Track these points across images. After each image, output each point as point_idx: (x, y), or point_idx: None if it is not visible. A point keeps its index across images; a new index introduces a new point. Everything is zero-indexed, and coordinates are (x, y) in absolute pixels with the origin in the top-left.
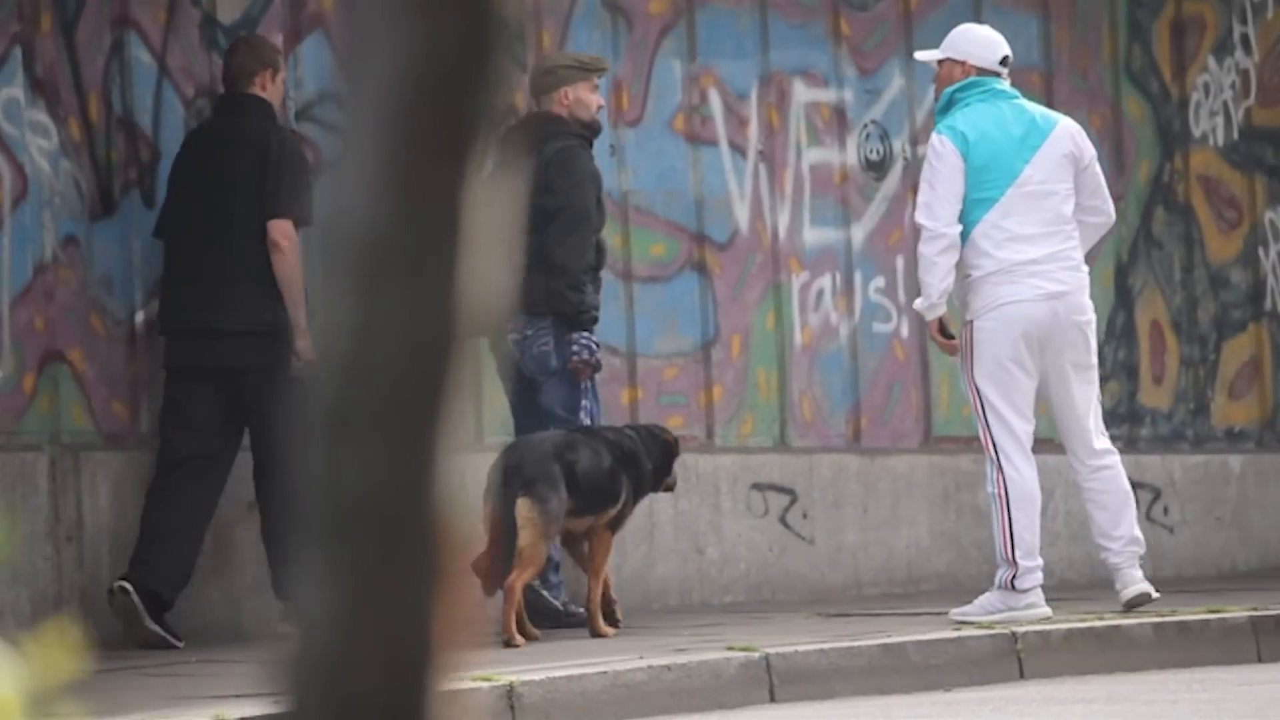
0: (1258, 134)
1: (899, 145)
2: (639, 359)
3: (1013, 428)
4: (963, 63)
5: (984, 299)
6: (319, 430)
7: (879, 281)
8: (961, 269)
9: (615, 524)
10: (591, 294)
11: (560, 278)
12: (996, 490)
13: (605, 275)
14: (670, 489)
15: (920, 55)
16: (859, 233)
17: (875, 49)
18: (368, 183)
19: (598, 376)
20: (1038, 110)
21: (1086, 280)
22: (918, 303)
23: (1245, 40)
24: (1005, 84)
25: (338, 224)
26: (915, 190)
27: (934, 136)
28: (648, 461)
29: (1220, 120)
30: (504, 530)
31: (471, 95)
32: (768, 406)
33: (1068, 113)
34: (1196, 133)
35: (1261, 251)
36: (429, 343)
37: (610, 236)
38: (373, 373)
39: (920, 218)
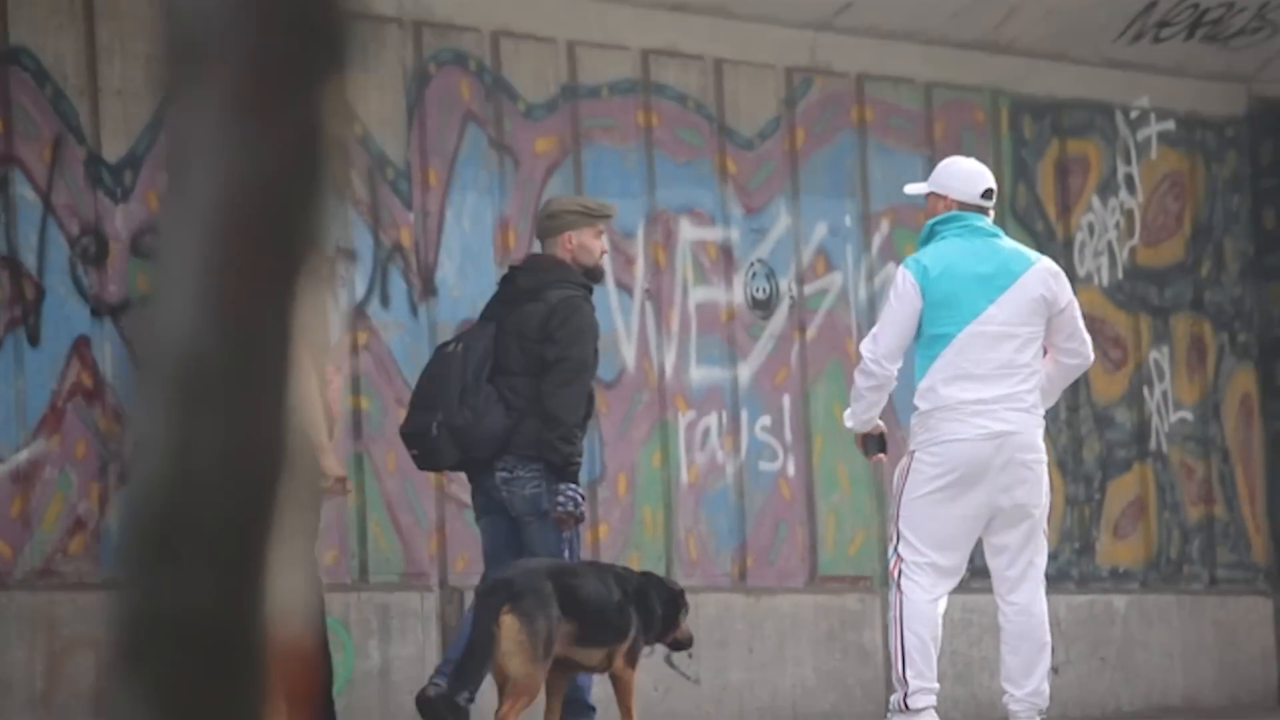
0: (1142, 273)
1: (785, 284)
2: None
3: (921, 554)
4: (944, 196)
5: (928, 433)
6: (138, 551)
7: (765, 420)
8: (916, 399)
9: (632, 659)
10: (580, 446)
11: (554, 428)
12: (894, 611)
13: None
14: (685, 647)
15: (909, 189)
16: (745, 371)
17: (761, 187)
18: (189, 300)
19: (581, 527)
20: (1014, 250)
21: (1038, 423)
22: (846, 415)
23: (1129, 180)
24: (986, 220)
25: (159, 341)
26: (801, 329)
27: (899, 269)
28: (656, 604)
29: (1105, 260)
30: (480, 644)
31: (299, 211)
32: (654, 544)
33: None
34: (1081, 272)
35: (1146, 391)
36: (253, 464)
37: None
38: (195, 494)
39: (863, 345)
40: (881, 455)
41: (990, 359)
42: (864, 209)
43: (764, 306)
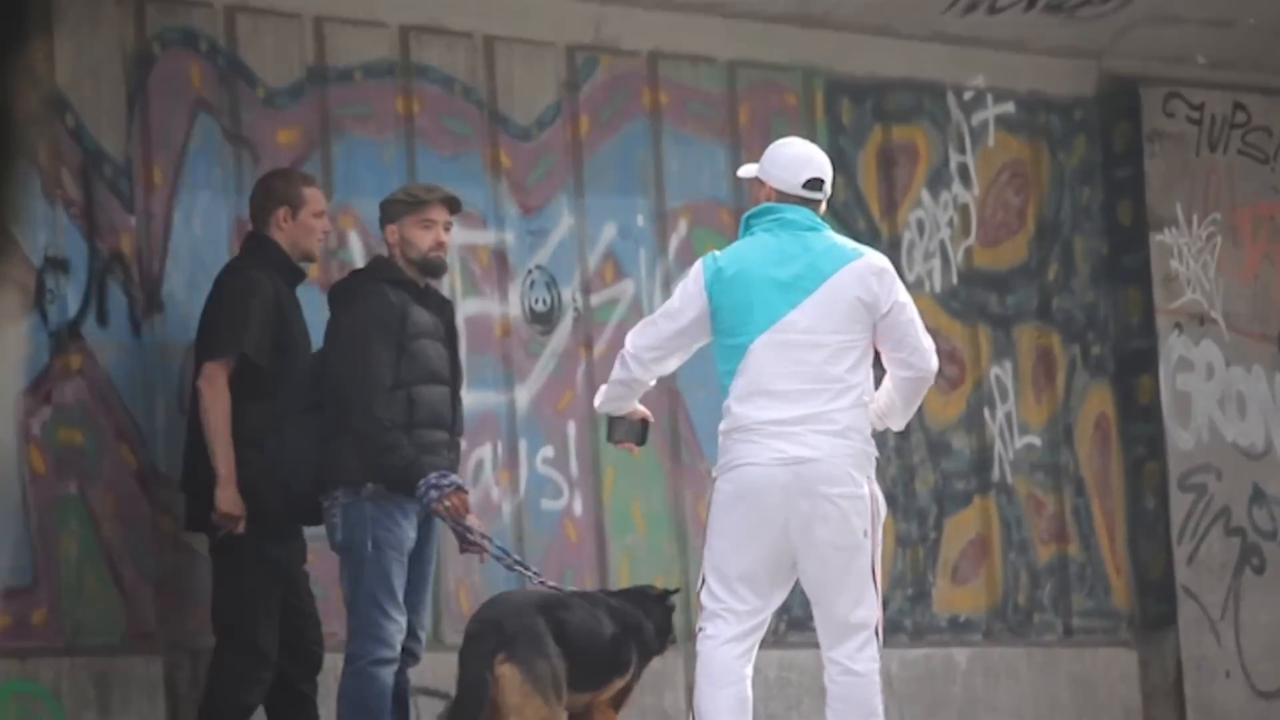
0: (980, 278)
1: (569, 294)
2: None
3: (718, 599)
4: (765, 184)
5: (725, 456)
6: None
7: (547, 451)
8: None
9: (619, 700)
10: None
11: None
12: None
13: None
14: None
15: (742, 171)
16: (524, 395)
17: (540, 183)
18: None
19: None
20: (831, 246)
21: (852, 448)
22: (597, 395)
23: (964, 171)
24: (806, 212)
25: None
26: (588, 345)
27: (698, 261)
28: (650, 624)
29: (937, 262)
30: (467, 698)
31: None
32: None
33: None
34: (911, 277)
35: (987, 413)
36: None
37: None
38: None
39: (630, 333)
40: (631, 445)
41: (792, 372)
42: (658, 207)
43: (545, 320)
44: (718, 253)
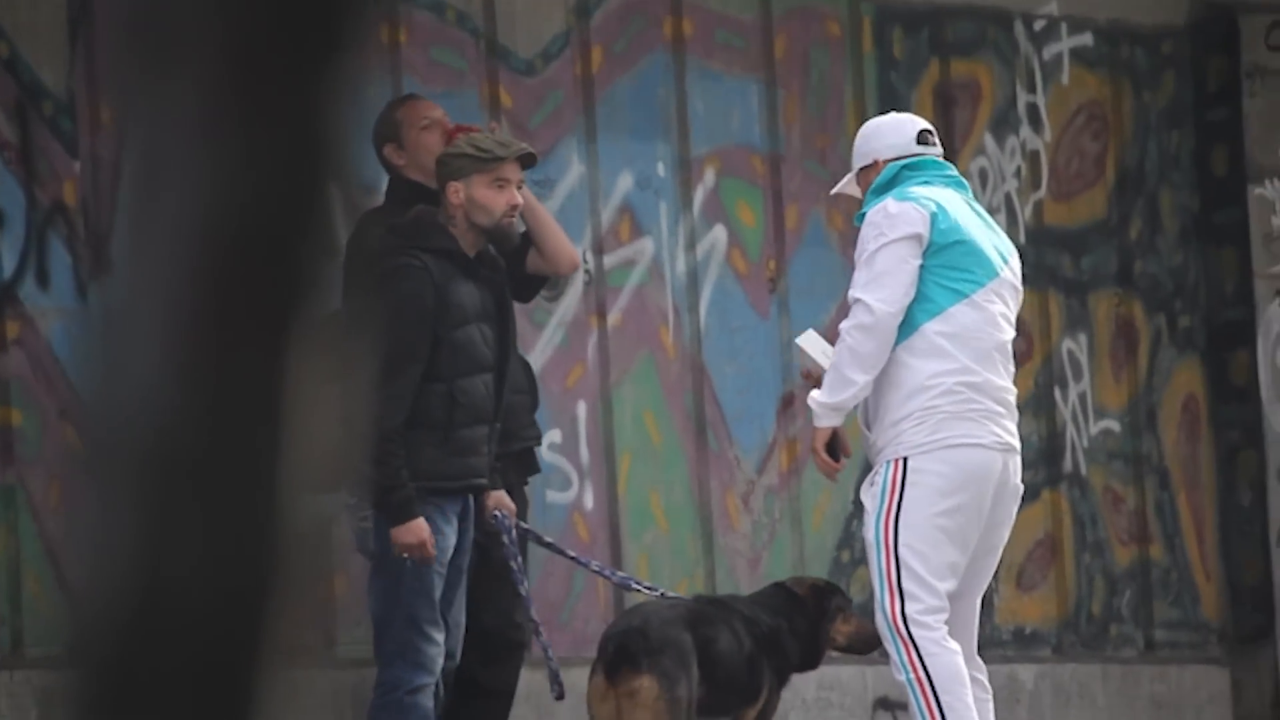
0: (1051, 237)
1: (579, 254)
2: None
3: (933, 594)
4: (875, 163)
5: (929, 431)
6: (94, 691)
7: (554, 435)
8: (895, 383)
9: None
10: (393, 467)
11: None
12: (913, 674)
13: None
14: (863, 650)
15: (837, 189)
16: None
17: (545, 125)
18: (155, 365)
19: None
20: (987, 215)
21: None
22: (816, 397)
23: (1034, 113)
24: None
25: (116, 423)
26: (600, 313)
27: (882, 203)
28: (792, 640)
29: (1002, 218)
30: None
31: (294, 242)
32: None
33: (801, 209)
34: None
35: (1058, 393)
36: (239, 573)
37: None
38: (168, 622)
39: (858, 291)
40: (844, 463)
41: (1002, 339)
42: (681, 153)
43: (551, 284)
44: (903, 191)
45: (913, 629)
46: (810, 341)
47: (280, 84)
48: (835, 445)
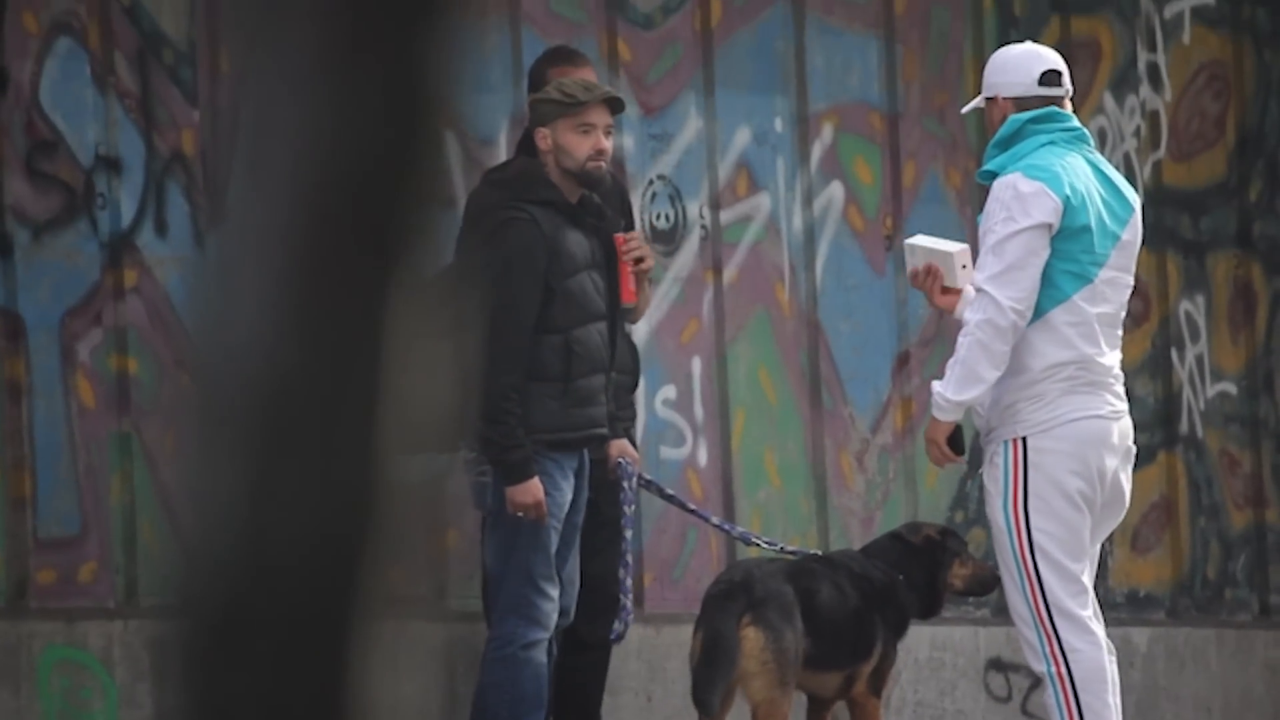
0: (1170, 197)
1: (695, 209)
2: None
3: (1072, 579)
4: (995, 98)
5: (1048, 408)
6: (199, 645)
7: (668, 392)
8: (1014, 368)
9: (877, 685)
10: (510, 427)
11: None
12: (1055, 669)
13: None
14: (981, 591)
15: (967, 109)
16: (641, 325)
17: (663, 80)
18: (265, 313)
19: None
20: (1108, 166)
21: None
22: (941, 391)
23: (1154, 72)
24: (1075, 119)
25: (225, 372)
26: (716, 269)
27: (1017, 182)
28: (908, 590)
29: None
30: (717, 657)
31: (398, 192)
32: None
33: (919, 166)
34: None
35: (1175, 355)
36: (341, 523)
37: None
38: (273, 571)
39: (988, 283)
40: (962, 459)
41: (1113, 314)
42: (800, 109)
43: (667, 239)
44: (1034, 164)
45: (1056, 619)
46: (923, 240)
47: (390, 34)
48: (957, 439)
